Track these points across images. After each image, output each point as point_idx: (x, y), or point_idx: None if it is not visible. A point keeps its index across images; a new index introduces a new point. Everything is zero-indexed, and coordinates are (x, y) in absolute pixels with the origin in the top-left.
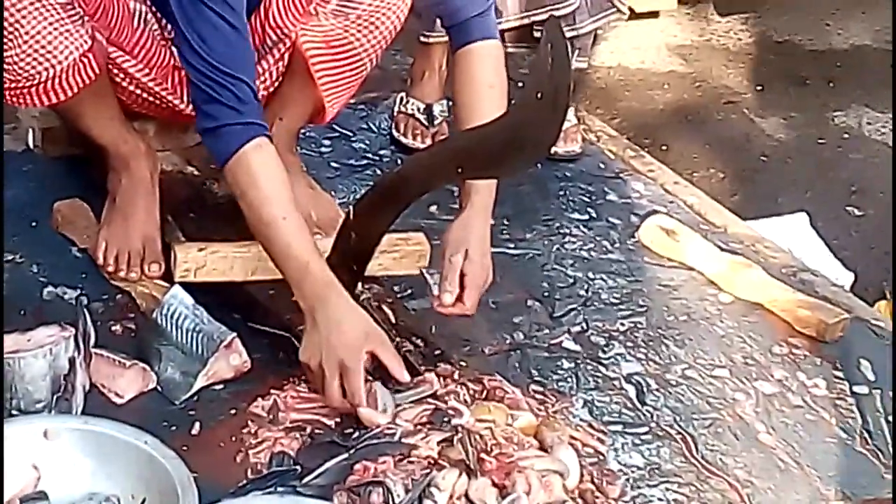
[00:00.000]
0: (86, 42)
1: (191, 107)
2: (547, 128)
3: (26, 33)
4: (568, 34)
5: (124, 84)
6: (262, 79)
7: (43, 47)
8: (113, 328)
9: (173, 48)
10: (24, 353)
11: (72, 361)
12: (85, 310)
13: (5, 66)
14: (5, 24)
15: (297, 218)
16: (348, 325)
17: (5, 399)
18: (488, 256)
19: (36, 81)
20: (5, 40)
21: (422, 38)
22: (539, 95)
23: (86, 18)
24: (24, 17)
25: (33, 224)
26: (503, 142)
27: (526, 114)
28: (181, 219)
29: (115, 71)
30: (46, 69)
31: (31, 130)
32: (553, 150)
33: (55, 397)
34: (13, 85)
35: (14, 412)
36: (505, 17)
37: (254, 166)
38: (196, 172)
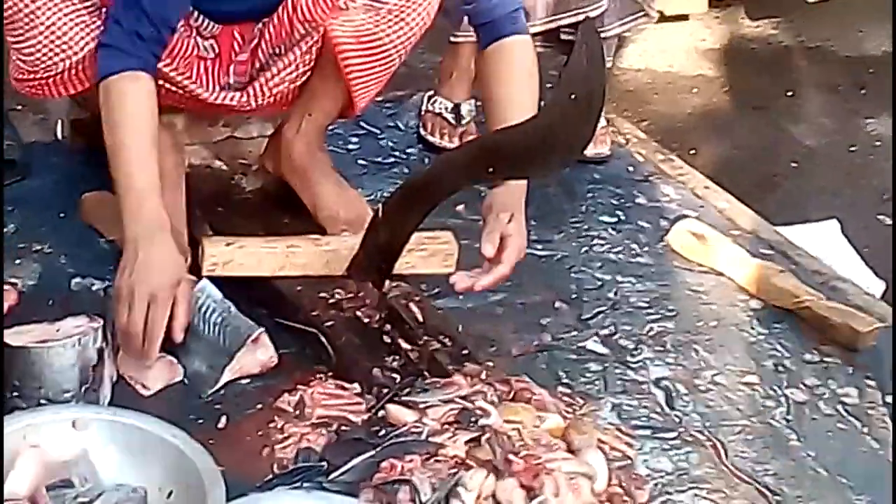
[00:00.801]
0: (102, 31)
1: (215, 96)
2: (580, 129)
3: (42, 24)
4: None
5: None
6: (289, 70)
7: (59, 38)
8: None
9: (198, 39)
10: (52, 342)
11: (100, 352)
12: None
13: (22, 58)
14: (22, 16)
15: (147, 151)
16: (169, 266)
17: (33, 388)
18: (524, 227)
19: (54, 73)
20: (22, 32)
21: (451, 38)
22: (573, 96)
23: (103, 10)
24: (39, 9)
25: (61, 215)
26: (535, 142)
27: (559, 114)
28: (209, 213)
29: None
30: (63, 60)
31: (59, 121)
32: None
33: (83, 388)
34: (31, 76)
35: (42, 401)
36: (532, 21)
37: (121, 93)
38: (224, 167)
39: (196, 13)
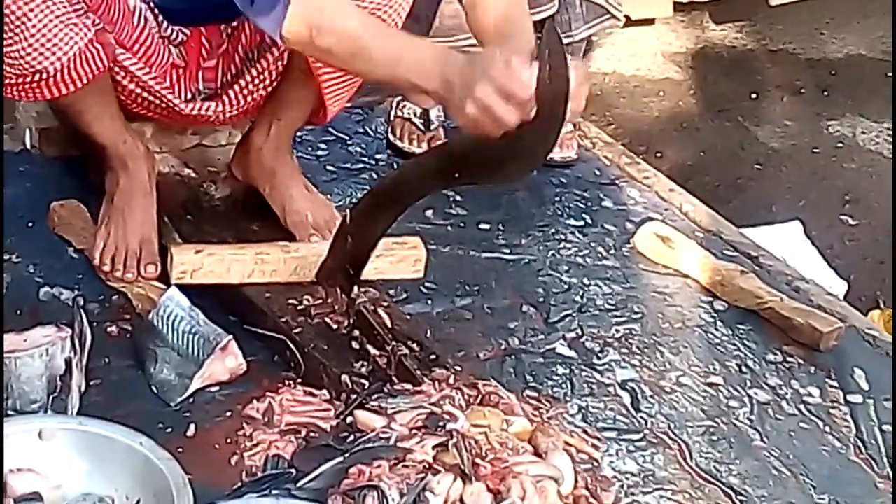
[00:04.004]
0: (89, 31)
1: (191, 107)
2: (544, 136)
3: (33, 26)
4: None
5: (125, 83)
6: (261, 78)
7: (49, 40)
8: (109, 329)
9: (171, 47)
10: (20, 353)
11: (68, 362)
12: (82, 310)
13: (10, 62)
14: (11, 18)
15: (384, 30)
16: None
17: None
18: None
19: (44, 76)
20: (10, 35)
21: None
22: (537, 102)
23: (90, 14)
24: (31, 11)
25: (30, 224)
26: (500, 148)
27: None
28: (178, 221)
29: (117, 69)
30: (52, 63)
31: (28, 130)
32: (549, 155)
33: (51, 398)
34: (20, 80)
35: (10, 412)
36: None
37: (319, 19)
38: (193, 174)
39: (161, 18)
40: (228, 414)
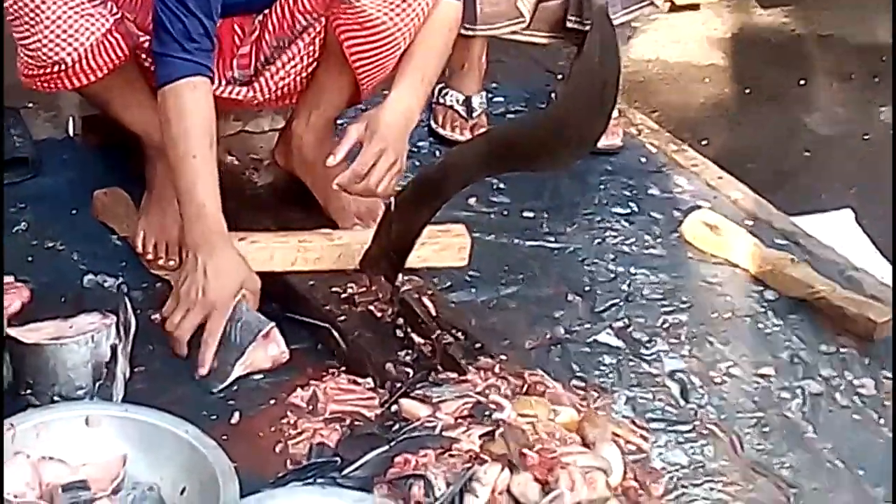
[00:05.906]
0: (107, 22)
1: (221, 89)
2: (594, 121)
3: (47, 18)
4: None
5: (153, 69)
6: (293, 63)
7: (64, 31)
8: (153, 317)
9: None
10: (66, 339)
11: (113, 349)
12: (126, 298)
13: (29, 53)
14: (27, 11)
15: (209, 161)
16: (228, 275)
17: (47, 385)
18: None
19: (63, 67)
20: (28, 28)
21: (462, 31)
22: (586, 88)
23: (108, 3)
24: (44, 2)
25: (73, 212)
26: (547, 135)
27: (572, 106)
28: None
29: (143, 56)
30: (69, 54)
31: (71, 118)
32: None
33: (97, 384)
34: (40, 71)
35: (56, 398)
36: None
37: (183, 101)
38: (235, 162)
39: None
40: (272, 402)
